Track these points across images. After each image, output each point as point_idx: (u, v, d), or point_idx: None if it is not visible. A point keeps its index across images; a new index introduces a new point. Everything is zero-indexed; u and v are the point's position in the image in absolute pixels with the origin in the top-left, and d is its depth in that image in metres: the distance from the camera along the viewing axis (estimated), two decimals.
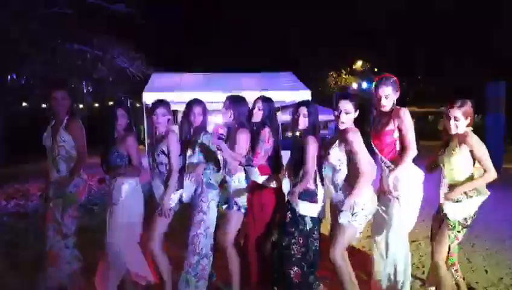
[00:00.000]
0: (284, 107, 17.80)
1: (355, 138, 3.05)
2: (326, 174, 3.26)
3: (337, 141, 3.17)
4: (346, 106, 3.12)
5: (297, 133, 3.42)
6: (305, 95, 14.50)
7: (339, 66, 27.45)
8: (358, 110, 3.16)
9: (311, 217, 3.22)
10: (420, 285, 3.87)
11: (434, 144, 3.38)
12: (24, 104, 16.66)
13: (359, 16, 27.18)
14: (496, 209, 6.37)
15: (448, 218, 3.07)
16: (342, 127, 3.14)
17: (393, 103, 3.29)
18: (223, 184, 3.71)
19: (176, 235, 3.84)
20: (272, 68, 16.53)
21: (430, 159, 3.40)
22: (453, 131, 3.09)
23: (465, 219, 3.06)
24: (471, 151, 3.04)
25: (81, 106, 21.47)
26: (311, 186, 3.20)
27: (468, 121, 3.09)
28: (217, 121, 6.06)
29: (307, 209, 3.20)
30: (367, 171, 3.00)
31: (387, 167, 3.29)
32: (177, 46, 26.53)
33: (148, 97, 13.86)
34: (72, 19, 11.59)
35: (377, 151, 3.37)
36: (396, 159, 3.26)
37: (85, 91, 13.10)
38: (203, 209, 3.45)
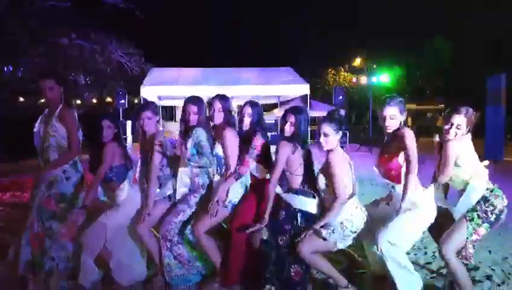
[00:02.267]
0: (283, 103, 17.80)
1: (335, 160, 3.05)
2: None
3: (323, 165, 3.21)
4: (326, 129, 3.10)
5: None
6: (304, 89, 14.54)
7: (338, 64, 27.45)
8: (340, 132, 3.14)
9: (306, 212, 3.19)
10: (421, 267, 3.78)
11: (433, 140, 3.29)
12: (21, 99, 16.57)
13: (358, 13, 27.23)
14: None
15: (467, 211, 2.96)
16: (324, 148, 3.14)
17: (401, 124, 3.13)
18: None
19: None
20: (271, 65, 16.49)
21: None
22: (452, 137, 3.01)
23: (486, 211, 2.94)
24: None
25: (78, 101, 21.43)
26: (299, 186, 3.24)
27: (468, 129, 3.04)
28: None
29: (302, 203, 3.20)
30: (343, 196, 3.00)
31: (393, 187, 3.16)
32: (176, 41, 26.51)
33: (147, 91, 13.89)
34: (69, 12, 11.52)
35: (379, 175, 3.26)
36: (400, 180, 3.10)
37: (82, 83, 12.93)
38: (189, 203, 3.45)
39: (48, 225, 3.33)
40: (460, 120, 2.99)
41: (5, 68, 10.02)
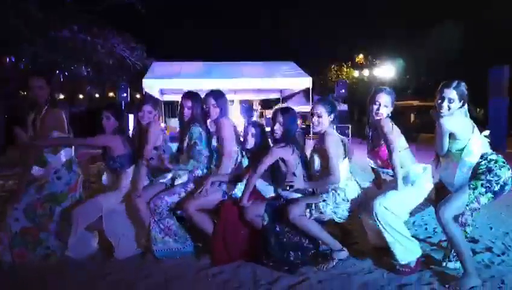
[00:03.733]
0: (285, 98, 17.75)
1: (329, 143, 3.12)
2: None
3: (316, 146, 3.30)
4: (319, 109, 3.23)
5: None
6: (307, 82, 14.46)
7: (340, 60, 27.41)
8: (332, 114, 3.26)
9: None
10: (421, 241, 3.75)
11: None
12: (23, 93, 16.53)
13: (362, 9, 27.24)
14: None
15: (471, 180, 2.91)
16: (315, 129, 3.28)
17: (388, 115, 3.19)
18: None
19: None
20: (273, 60, 16.44)
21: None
22: (444, 113, 2.96)
23: (490, 181, 2.85)
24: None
25: (81, 96, 21.44)
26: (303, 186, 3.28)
27: (461, 104, 2.98)
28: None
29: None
30: (336, 175, 3.07)
31: (391, 176, 3.19)
32: (178, 36, 26.53)
33: (148, 84, 13.83)
34: (72, 5, 11.51)
35: (375, 165, 3.35)
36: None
37: (84, 74, 12.88)
38: (186, 187, 3.53)
39: (37, 221, 3.39)
40: (452, 94, 2.93)
41: (8, 59, 10.02)
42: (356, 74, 21.16)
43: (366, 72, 20.75)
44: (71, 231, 3.35)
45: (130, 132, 4.22)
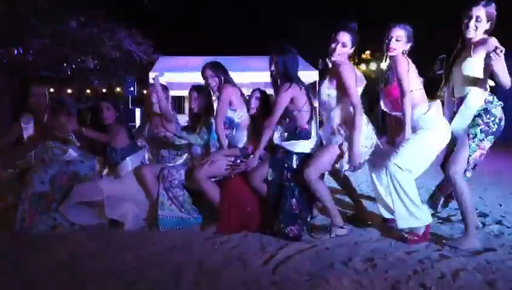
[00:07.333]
0: None
1: (347, 71, 2.96)
2: (323, 114, 3.26)
3: (328, 76, 3.14)
4: (344, 38, 3.02)
5: None
6: (313, 75, 14.36)
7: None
8: (354, 46, 3.08)
9: (301, 154, 3.16)
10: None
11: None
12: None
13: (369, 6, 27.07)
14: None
15: (470, 128, 2.83)
16: (334, 58, 3.03)
17: (403, 52, 3.02)
18: None
19: None
20: None
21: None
22: (471, 34, 2.83)
23: (488, 123, 2.81)
24: (488, 57, 2.70)
25: (88, 90, 21.54)
26: (305, 126, 3.18)
27: (488, 26, 2.85)
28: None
29: (301, 148, 3.17)
30: (359, 103, 2.94)
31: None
32: (184, 31, 26.54)
33: None
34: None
35: (387, 110, 3.23)
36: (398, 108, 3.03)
37: (91, 67, 12.88)
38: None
39: (54, 191, 3.48)
40: (480, 11, 2.79)
41: (15, 51, 10.06)
42: (363, 67, 21.09)
43: (373, 66, 20.62)
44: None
45: (137, 126, 4.29)
